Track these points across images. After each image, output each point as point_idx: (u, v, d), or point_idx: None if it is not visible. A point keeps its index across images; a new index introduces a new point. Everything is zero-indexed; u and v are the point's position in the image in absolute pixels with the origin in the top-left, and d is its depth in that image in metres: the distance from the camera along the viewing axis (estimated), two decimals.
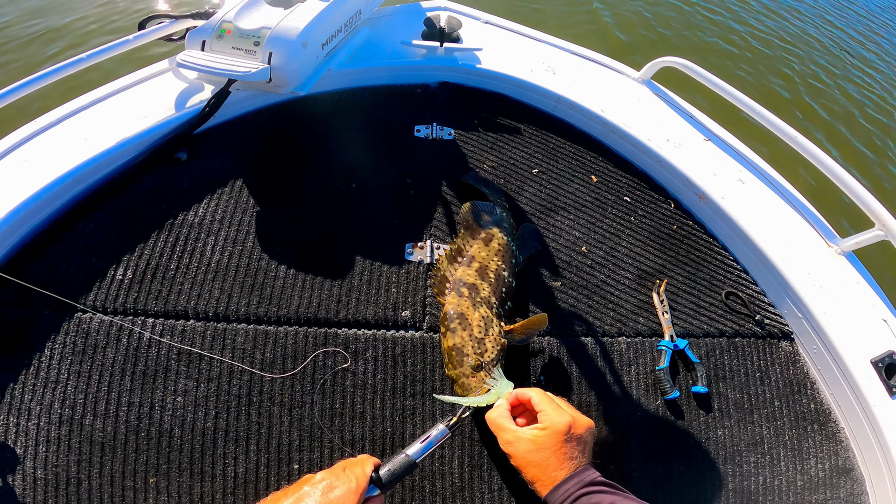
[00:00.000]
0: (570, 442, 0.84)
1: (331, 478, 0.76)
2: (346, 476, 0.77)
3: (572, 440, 0.84)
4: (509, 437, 0.88)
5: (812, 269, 1.29)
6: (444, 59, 1.56)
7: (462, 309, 1.09)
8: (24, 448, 0.94)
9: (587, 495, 0.78)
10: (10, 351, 1.00)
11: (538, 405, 0.89)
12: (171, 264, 1.13)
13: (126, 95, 1.32)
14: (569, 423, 0.85)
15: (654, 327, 1.24)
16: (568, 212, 1.38)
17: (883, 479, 1.10)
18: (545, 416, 0.87)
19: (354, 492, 0.75)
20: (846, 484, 1.14)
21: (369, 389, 1.07)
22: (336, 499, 0.73)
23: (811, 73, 4.17)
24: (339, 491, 0.74)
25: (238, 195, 1.26)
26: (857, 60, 4.58)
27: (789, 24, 4.88)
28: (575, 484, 0.80)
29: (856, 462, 1.17)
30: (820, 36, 4.80)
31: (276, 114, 1.41)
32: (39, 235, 1.13)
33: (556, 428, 0.84)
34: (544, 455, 0.83)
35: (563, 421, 0.85)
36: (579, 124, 1.57)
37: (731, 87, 1.44)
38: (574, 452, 0.84)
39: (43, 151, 1.18)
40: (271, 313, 1.11)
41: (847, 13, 5.54)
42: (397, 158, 1.39)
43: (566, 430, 0.84)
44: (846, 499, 1.13)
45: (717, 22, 4.59)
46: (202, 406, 1.00)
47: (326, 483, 0.75)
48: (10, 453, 0.93)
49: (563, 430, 0.84)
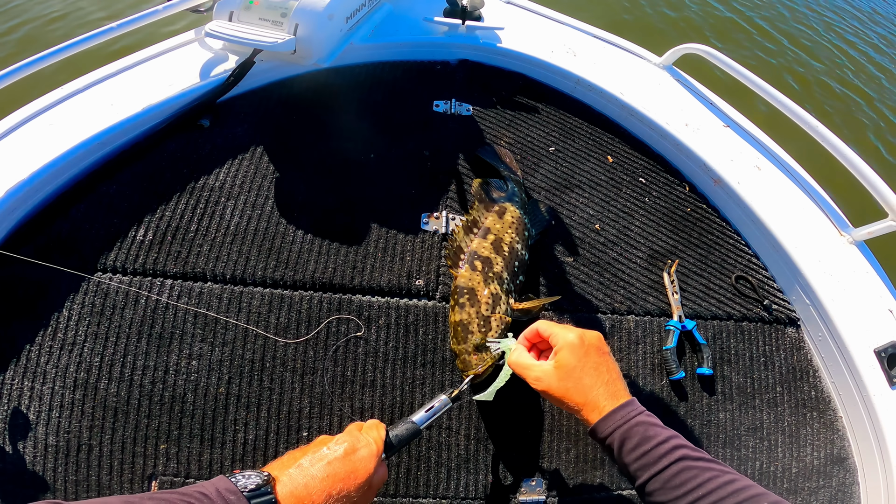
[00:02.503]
0: (591, 353, 0.73)
1: (351, 439, 0.66)
2: (365, 438, 0.67)
3: (591, 351, 0.73)
4: (536, 373, 0.75)
5: (823, 257, 1.17)
6: (466, 37, 1.41)
7: (473, 284, 0.99)
8: (37, 413, 0.85)
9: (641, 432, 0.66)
10: (29, 311, 0.91)
11: (545, 332, 0.78)
12: (192, 226, 1.03)
13: (152, 64, 1.20)
14: (579, 334, 0.74)
15: (663, 307, 1.13)
16: (583, 190, 1.26)
17: (875, 469, 1.03)
18: (556, 338, 0.75)
19: (375, 455, 0.65)
20: (839, 473, 1.07)
21: (380, 357, 0.98)
22: (360, 460, 0.63)
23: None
24: (363, 452, 0.64)
25: (258, 161, 1.14)
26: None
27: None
28: (622, 417, 0.68)
29: (850, 451, 1.09)
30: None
31: (298, 85, 1.29)
32: (63, 196, 1.03)
33: (570, 341, 0.73)
34: (575, 375, 0.71)
35: (574, 334, 0.74)
36: (597, 106, 1.42)
37: (753, 76, 1.29)
38: (601, 365, 0.72)
39: (69, 116, 1.07)
40: (287, 277, 1.01)
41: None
42: (416, 131, 1.27)
43: (580, 342, 0.73)
44: (838, 487, 1.06)
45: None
46: (216, 370, 0.91)
47: (348, 445, 0.65)
48: (23, 419, 0.84)
49: (577, 342, 0.73)
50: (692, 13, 3.95)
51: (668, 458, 0.62)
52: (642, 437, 0.64)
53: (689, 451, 0.63)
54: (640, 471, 0.63)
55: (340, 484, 0.60)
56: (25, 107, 1.08)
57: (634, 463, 0.64)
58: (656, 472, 0.62)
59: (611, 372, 0.72)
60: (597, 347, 0.74)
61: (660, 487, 0.61)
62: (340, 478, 0.60)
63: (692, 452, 0.63)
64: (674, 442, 0.63)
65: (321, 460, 0.62)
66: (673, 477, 0.61)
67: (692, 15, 3.94)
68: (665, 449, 0.62)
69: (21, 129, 1.04)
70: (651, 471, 0.62)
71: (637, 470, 0.64)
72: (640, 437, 0.64)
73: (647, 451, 0.63)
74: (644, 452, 0.63)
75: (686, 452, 0.62)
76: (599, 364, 0.72)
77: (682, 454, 0.62)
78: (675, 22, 3.81)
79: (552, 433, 0.99)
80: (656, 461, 0.62)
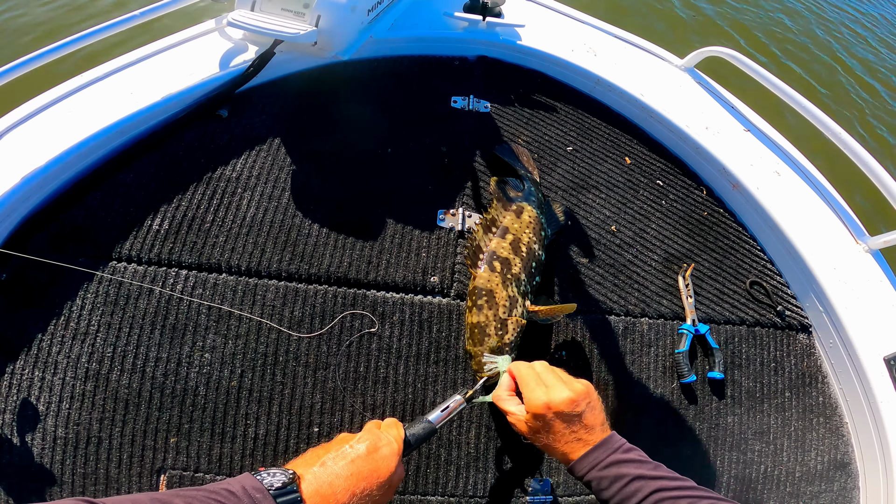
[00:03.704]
0: (555, 424, 0.67)
1: (372, 438, 0.63)
2: (386, 437, 0.64)
3: (556, 421, 0.67)
4: (512, 420, 0.73)
5: (838, 265, 1.11)
6: (485, 34, 1.34)
7: (492, 286, 0.93)
8: (46, 405, 0.80)
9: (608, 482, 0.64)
10: (41, 300, 0.86)
11: (520, 384, 0.73)
12: (208, 216, 0.98)
13: (172, 54, 1.13)
14: (545, 403, 0.67)
15: (677, 310, 1.08)
16: (599, 190, 1.19)
17: (877, 475, 0.99)
18: (525, 399, 0.71)
19: (396, 453, 0.63)
20: (841, 478, 1.03)
21: (393, 354, 0.93)
22: (382, 458, 0.61)
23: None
24: (385, 451, 0.62)
25: (276, 153, 1.08)
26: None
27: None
28: (594, 460, 0.65)
29: (853, 457, 1.05)
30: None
31: (317, 77, 1.22)
32: (79, 184, 0.97)
33: (535, 410, 0.68)
34: (541, 435, 0.69)
35: (540, 403, 0.67)
36: (616, 106, 1.34)
37: (779, 81, 1.21)
38: (566, 429, 0.66)
39: (88, 104, 1.01)
40: (302, 270, 0.96)
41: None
42: (433, 127, 1.20)
43: (545, 411, 0.67)
44: (839, 492, 1.02)
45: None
46: (228, 364, 0.86)
47: (370, 443, 0.62)
48: (32, 410, 0.79)
49: (542, 411, 0.67)
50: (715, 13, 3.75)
51: (642, 492, 0.60)
52: (616, 475, 0.63)
53: (665, 482, 0.61)
54: None
55: (364, 483, 0.58)
56: (45, 93, 1.01)
57: (612, 499, 0.63)
58: None
59: (582, 429, 0.67)
60: (563, 414, 0.67)
61: None
62: (364, 476, 0.58)
63: (669, 483, 0.61)
64: (649, 475, 0.62)
65: (344, 458, 0.60)
66: None
67: (713, 14, 3.73)
68: (638, 485, 0.61)
69: (40, 116, 0.98)
70: None
71: None
72: (613, 475, 0.63)
73: (622, 487, 0.62)
74: (619, 489, 0.62)
75: (662, 484, 0.61)
76: (565, 429, 0.67)
77: (657, 486, 0.60)
78: (703, 25, 3.62)
79: None
80: (631, 496, 0.61)
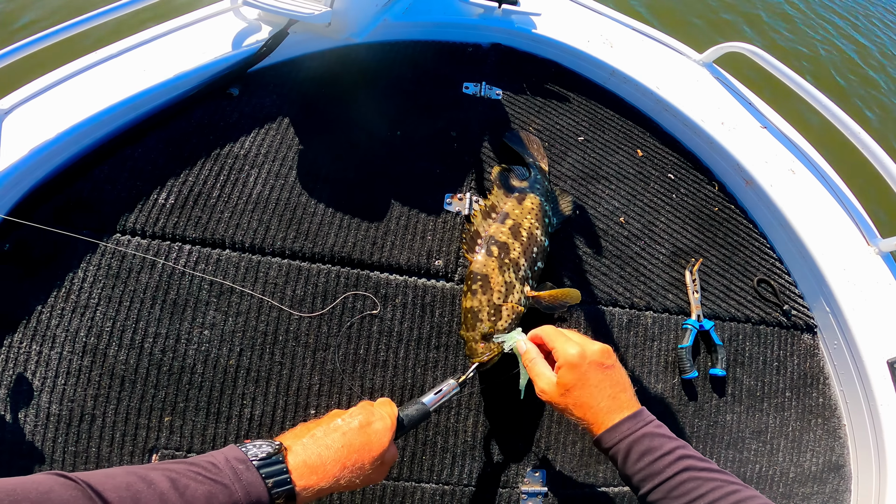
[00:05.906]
0: (591, 371, 0.60)
1: (365, 412, 0.57)
2: (379, 412, 0.58)
3: (592, 368, 0.60)
4: (542, 385, 0.64)
5: (848, 266, 1.01)
6: (500, 21, 1.22)
7: (487, 270, 0.83)
8: (42, 380, 0.73)
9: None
10: (43, 271, 0.78)
11: (549, 341, 0.65)
12: (214, 192, 0.89)
13: (186, 32, 1.03)
14: (580, 350, 0.61)
15: (682, 305, 0.98)
16: (610, 182, 1.08)
17: (870, 477, 0.92)
18: (557, 353, 0.63)
19: (389, 429, 0.58)
20: (833, 480, 0.95)
21: (394, 337, 0.84)
22: (375, 432, 0.56)
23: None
24: (378, 426, 0.56)
25: (284, 132, 0.99)
26: None
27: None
28: (628, 429, 0.57)
29: (848, 459, 0.97)
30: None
31: (329, 58, 1.12)
32: (86, 157, 0.89)
33: (569, 359, 0.60)
34: (575, 393, 0.60)
35: (575, 350, 0.61)
36: (630, 98, 1.22)
37: (799, 77, 1.08)
38: (603, 381, 0.60)
39: (101, 80, 0.92)
40: (306, 249, 0.87)
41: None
42: (444, 112, 1.09)
43: (580, 359, 0.60)
44: (830, 494, 0.95)
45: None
46: (227, 341, 0.79)
47: (363, 417, 0.56)
48: (27, 385, 0.72)
49: (577, 360, 0.60)
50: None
51: (672, 468, 0.54)
52: (647, 447, 0.56)
53: (694, 462, 0.55)
54: (644, 480, 0.55)
55: (356, 455, 0.53)
56: (60, 68, 0.92)
57: (639, 473, 0.56)
58: (660, 481, 0.54)
59: (615, 385, 0.61)
60: (598, 363, 0.61)
61: (663, 497, 0.54)
62: (356, 448, 0.54)
63: (697, 462, 0.55)
64: (679, 452, 0.56)
65: (336, 430, 0.54)
66: (676, 487, 0.53)
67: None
68: (670, 459, 0.55)
69: (54, 90, 0.89)
70: (655, 480, 0.54)
71: (641, 480, 0.56)
72: (644, 447, 0.56)
73: (652, 461, 0.55)
74: (649, 463, 0.55)
75: (691, 463, 0.55)
76: (601, 381, 0.60)
77: (686, 464, 0.54)
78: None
79: (559, 425, 0.86)
80: (661, 471, 0.54)
